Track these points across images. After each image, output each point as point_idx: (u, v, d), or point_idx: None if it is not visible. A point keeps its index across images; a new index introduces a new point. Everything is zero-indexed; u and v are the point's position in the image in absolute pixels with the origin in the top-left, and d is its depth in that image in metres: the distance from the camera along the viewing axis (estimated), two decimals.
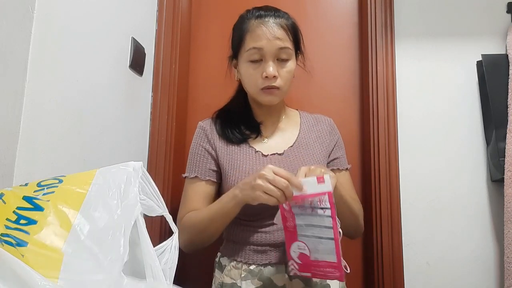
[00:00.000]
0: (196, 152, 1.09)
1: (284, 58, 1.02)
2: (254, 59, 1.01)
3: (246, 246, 1.01)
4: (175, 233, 0.66)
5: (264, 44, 0.99)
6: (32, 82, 0.79)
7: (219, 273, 1.04)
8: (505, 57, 1.38)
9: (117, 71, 1.19)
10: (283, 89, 1.03)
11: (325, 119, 1.19)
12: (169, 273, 0.60)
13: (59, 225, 0.52)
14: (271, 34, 0.99)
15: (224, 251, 1.06)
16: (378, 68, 1.46)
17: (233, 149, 1.06)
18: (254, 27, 1.01)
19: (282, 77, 1.02)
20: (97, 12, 1.06)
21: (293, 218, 0.84)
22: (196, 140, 1.11)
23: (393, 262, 1.34)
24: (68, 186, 0.58)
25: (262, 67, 1.01)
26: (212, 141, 1.08)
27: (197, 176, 1.06)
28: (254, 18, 1.03)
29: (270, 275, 0.97)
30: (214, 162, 1.07)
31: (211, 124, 1.12)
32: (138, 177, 0.61)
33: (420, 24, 1.50)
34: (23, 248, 0.48)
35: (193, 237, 1.00)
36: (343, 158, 1.14)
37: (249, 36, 1.01)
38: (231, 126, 1.09)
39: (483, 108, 1.42)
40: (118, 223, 0.54)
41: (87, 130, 1.02)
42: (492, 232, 1.37)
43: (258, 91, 1.03)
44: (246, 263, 0.99)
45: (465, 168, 1.41)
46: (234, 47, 1.08)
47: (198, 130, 1.12)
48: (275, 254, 0.99)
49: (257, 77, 1.01)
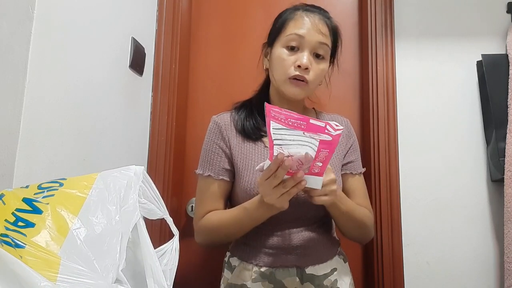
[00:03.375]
0: (210, 149, 1.04)
1: (321, 54, 1.00)
2: (292, 46, 0.99)
3: (257, 248, 0.99)
4: (176, 236, 0.66)
5: (306, 33, 0.98)
6: (32, 82, 0.79)
7: (228, 273, 1.02)
8: (505, 57, 1.38)
9: (117, 71, 1.19)
10: (311, 85, 1.00)
11: (341, 119, 1.15)
12: (170, 275, 0.60)
13: (57, 229, 0.52)
14: (315, 26, 0.98)
15: (234, 251, 1.04)
16: (378, 68, 1.46)
17: (248, 148, 1.02)
18: (299, 16, 1.00)
19: (314, 72, 0.99)
20: (97, 12, 1.06)
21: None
22: (209, 137, 1.05)
23: (393, 262, 1.34)
24: (68, 189, 0.58)
25: (297, 56, 0.98)
26: (227, 138, 1.03)
27: (211, 175, 1.02)
28: (301, 9, 1.02)
29: (281, 278, 0.96)
30: (228, 160, 1.03)
31: (229, 118, 1.07)
32: (138, 182, 0.61)
33: (420, 24, 1.50)
34: (21, 249, 0.48)
35: (215, 238, 1.00)
36: (357, 162, 1.10)
37: (292, 23, 1.00)
38: (250, 119, 1.05)
39: (483, 108, 1.42)
40: (116, 229, 0.54)
41: (87, 130, 1.01)
42: (492, 232, 1.37)
43: (286, 80, 0.99)
44: (257, 265, 0.98)
45: (465, 168, 1.41)
46: (273, 34, 1.05)
47: (212, 126, 1.07)
48: (287, 257, 0.97)
49: (289, 64, 0.98)
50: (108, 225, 0.54)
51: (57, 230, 0.52)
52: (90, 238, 0.52)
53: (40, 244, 0.50)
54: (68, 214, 0.54)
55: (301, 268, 0.97)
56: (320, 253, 1.01)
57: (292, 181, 0.79)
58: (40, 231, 0.51)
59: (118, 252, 0.52)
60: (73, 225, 0.53)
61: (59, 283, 0.46)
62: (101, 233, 0.53)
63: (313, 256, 0.99)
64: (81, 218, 0.54)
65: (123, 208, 0.57)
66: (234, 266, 1.01)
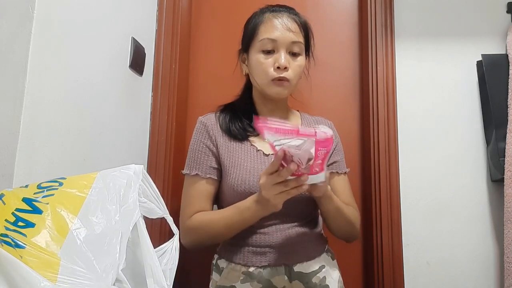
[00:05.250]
0: (197, 149, 1.05)
1: (296, 51, 1.02)
2: (267, 49, 1.01)
3: (244, 248, 0.99)
4: (176, 235, 0.66)
5: (278, 36, 1.00)
6: (32, 82, 0.79)
7: (216, 276, 1.02)
8: (505, 57, 1.38)
9: (117, 71, 1.19)
10: (293, 83, 1.03)
11: (325, 121, 1.19)
12: (170, 274, 0.60)
13: (56, 229, 0.52)
14: (285, 26, 1.01)
15: (221, 253, 1.04)
16: (378, 68, 1.46)
17: (235, 147, 1.04)
18: (268, 19, 1.03)
19: (293, 69, 1.02)
20: (97, 12, 1.06)
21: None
22: (196, 136, 1.07)
23: (393, 262, 1.34)
24: (68, 189, 0.58)
25: (274, 58, 1.01)
26: (214, 137, 1.05)
27: (198, 174, 1.03)
28: (268, 12, 1.05)
29: (270, 277, 0.96)
30: (215, 159, 1.04)
31: (214, 119, 1.09)
32: (138, 181, 0.61)
33: (420, 24, 1.50)
34: (22, 250, 0.48)
35: (204, 239, 1.00)
36: (342, 162, 1.13)
37: (263, 27, 1.03)
38: (235, 121, 1.07)
39: (483, 108, 1.42)
40: (115, 228, 0.54)
41: (87, 130, 1.01)
42: (492, 232, 1.37)
43: (268, 82, 1.02)
44: (244, 265, 0.97)
45: (465, 168, 1.41)
46: (246, 40, 1.08)
47: (198, 126, 1.09)
48: (274, 255, 0.97)
49: (268, 66, 1.01)
50: (108, 225, 0.54)
51: (57, 230, 0.52)
52: (90, 238, 0.52)
53: (40, 245, 0.50)
54: (68, 214, 0.54)
55: (289, 266, 0.97)
56: (308, 250, 1.01)
57: (295, 182, 0.81)
58: (40, 231, 0.51)
59: (118, 251, 0.52)
60: (73, 225, 0.53)
61: (59, 283, 0.46)
62: (101, 233, 0.53)
63: (301, 253, 0.99)
64: (81, 218, 0.54)
65: (123, 207, 0.57)
66: (222, 268, 1.01)
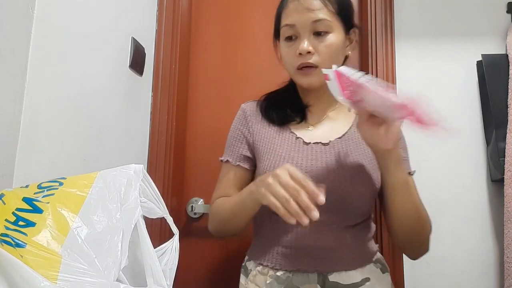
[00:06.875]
0: (232, 135, 1.03)
1: (322, 30, 0.90)
2: (289, 36, 0.93)
3: (274, 248, 0.89)
4: (176, 235, 0.66)
5: (295, 19, 0.91)
6: (32, 82, 0.79)
7: (244, 279, 0.95)
8: (505, 57, 1.38)
9: (117, 71, 1.19)
10: (323, 67, 0.84)
11: None
12: (170, 274, 0.60)
13: (57, 228, 0.52)
14: (302, 7, 0.90)
15: (251, 253, 0.97)
16: (378, 68, 1.46)
17: (272, 133, 0.97)
18: (287, 4, 0.94)
19: (321, 52, 0.90)
20: (97, 12, 1.06)
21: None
22: (234, 123, 1.04)
23: (393, 262, 1.34)
24: (68, 188, 0.58)
25: (297, 44, 0.91)
26: (251, 123, 1.00)
27: (228, 161, 1.00)
28: None
29: (299, 284, 0.85)
30: (248, 147, 0.99)
31: (255, 106, 1.04)
32: (139, 180, 0.61)
33: (420, 24, 1.50)
34: (22, 249, 0.48)
35: (218, 225, 0.97)
36: (406, 161, 0.99)
37: (284, 13, 0.95)
38: (276, 107, 1.00)
39: (483, 108, 1.42)
40: (117, 227, 0.54)
41: (87, 130, 1.02)
42: (492, 232, 1.37)
43: (295, 72, 0.94)
44: (273, 268, 0.88)
45: (465, 168, 1.41)
46: (275, 29, 1.02)
47: (239, 112, 1.05)
48: (306, 260, 0.86)
49: (292, 55, 0.92)
50: (109, 223, 0.54)
51: (58, 229, 0.52)
52: (91, 237, 0.52)
53: (41, 243, 0.50)
54: (68, 213, 0.54)
55: (324, 274, 0.85)
56: (349, 258, 0.87)
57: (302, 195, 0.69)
58: (41, 230, 0.51)
59: (120, 249, 0.52)
60: (74, 224, 0.53)
61: (60, 282, 0.46)
62: (102, 232, 0.53)
63: (339, 260, 0.86)
64: (81, 216, 0.54)
65: (124, 205, 0.57)
66: (250, 270, 0.93)
